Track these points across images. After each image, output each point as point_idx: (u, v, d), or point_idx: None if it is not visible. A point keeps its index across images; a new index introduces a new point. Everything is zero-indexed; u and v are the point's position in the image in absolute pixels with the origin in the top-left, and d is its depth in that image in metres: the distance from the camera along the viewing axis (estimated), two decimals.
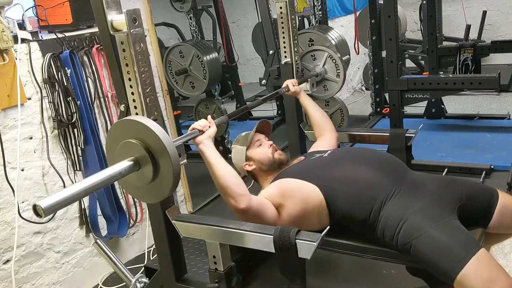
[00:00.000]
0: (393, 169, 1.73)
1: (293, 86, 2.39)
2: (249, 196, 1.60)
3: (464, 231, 1.48)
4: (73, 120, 2.38)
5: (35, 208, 0.99)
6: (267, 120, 2.17)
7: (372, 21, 4.28)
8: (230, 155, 2.09)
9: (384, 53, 3.71)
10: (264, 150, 1.97)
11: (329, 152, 1.91)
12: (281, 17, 2.47)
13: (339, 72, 2.78)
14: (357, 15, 4.31)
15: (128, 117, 1.33)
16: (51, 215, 2.36)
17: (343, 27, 5.42)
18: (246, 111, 2.03)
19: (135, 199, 2.76)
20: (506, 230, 1.73)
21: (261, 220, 1.59)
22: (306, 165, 1.88)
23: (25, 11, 2.28)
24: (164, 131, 1.23)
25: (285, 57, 2.57)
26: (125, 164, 1.22)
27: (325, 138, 2.24)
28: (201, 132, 1.62)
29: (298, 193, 1.69)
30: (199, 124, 1.64)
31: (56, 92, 2.33)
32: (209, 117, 1.68)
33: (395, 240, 1.52)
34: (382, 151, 1.93)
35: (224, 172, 1.59)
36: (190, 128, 1.64)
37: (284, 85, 2.41)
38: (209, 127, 1.65)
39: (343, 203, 1.64)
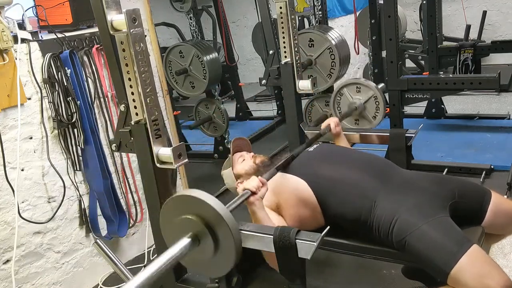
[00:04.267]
0: (381, 168, 1.74)
1: (335, 127, 2.23)
2: None
3: (456, 228, 1.49)
4: (73, 120, 2.38)
5: None
6: (240, 137, 2.15)
7: (372, 21, 4.28)
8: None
9: (384, 53, 3.71)
10: (247, 162, 2.00)
11: (314, 146, 1.94)
12: (281, 17, 2.47)
13: (377, 115, 2.79)
14: (357, 15, 4.32)
15: (180, 193, 1.29)
16: (51, 216, 2.36)
17: (343, 27, 5.42)
18: (291, 160, 1.89)
19: (135, 200, 2.77)
20: (498, 231, 1.74)
21: None
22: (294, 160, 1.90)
23: (25, 11, 2.28)
24: (217, 200, 1.19)
25: (285, 57, 2.57)
26: (184, 242, 1.18)
27: None
28: (253, 193, 1.56)
29: (284, 186, 1.73)
30: (252, 185, 1.57)
31: (56, 92, 2.33)
32: (259, 177, 1.62)
33: (390, 237, 1.53)
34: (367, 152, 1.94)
35: None
36: (242, 188, 1.59)
37: (325, 124, 2.25)
38: (262, 186, 1.59)
39: (334, 203, 1.65)
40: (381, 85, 3.00)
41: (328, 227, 1.43)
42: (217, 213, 1.16)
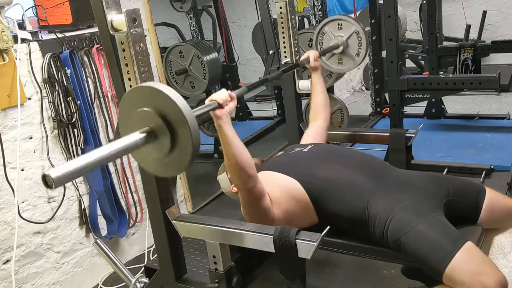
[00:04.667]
0: (375, 168, 1.74)
1: (314, 60, 2.23)
2: (257, 177, 1.58)
3: (450, 226, 1.49)
4: (73, 120, 2.38)
5: (44, 178, 0.90)
6: None
7: (372, 21, 4.28)
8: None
9: (384, 53, 3.71)
10: None
11: (309, 147, 1.91)
12: (281, 17, 2.47)
13: (360, 51, 2.70)
14: (357, 15, 4.31)
15: (142, 84, 1.19)
16: (51, 216, 2.36)
17: None
18: (264, 83, 1.84)
19: (135, 200, 2.76)
20: (495, 225, 1.74)
21: (257, 205, 1.59)
22: (284, 159, 1.89)
23: (25, 11, 2.29)
24: (182, 99, 1.12)
25: (285, 57, 2.57)
26: (140, 134, 1.11)
27: (315, 125, 2.20)
28: (220, 106, 1.48)
29: (276, 183, 1.70)
30: (219, 97, 1.48)
31: (56, 92, 2.33)
32: (229, 91, 1.54)
33: (385, 237, 1.52)
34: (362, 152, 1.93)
35: (240, 152, 1.53)
36: (208, 99, 1.50)
37: (305, 56, 2.25)
38: (230, 101, 1.52)
39: (328, 203, 1.64)
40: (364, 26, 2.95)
41: (328, 227, 1.43)
42: (179, 110, 1.10)
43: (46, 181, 0.91)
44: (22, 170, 2.25)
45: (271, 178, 1.72)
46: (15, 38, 2.18)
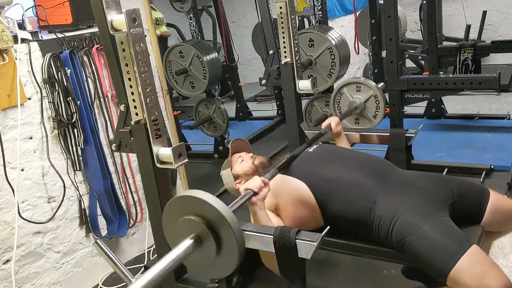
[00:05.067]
0: (380, 168, 1.74)
1: (336, 126, 2.23)
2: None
3: (455, 228, 1.49)
4: (73, 120, 2.38)
5: None
6: (239, 138, 2.15)
7: (372, 21, 4.29)
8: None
9: (384, 53, 3.71)
10: (245, 163, 2.00)
11: (314, 147, 1.94)
12: (281, 17, 2.47)
13: (377, 114, 2.78)
14: (357, 15, 4.31)
15: (182, 193, 1.27)
16: (51, 216, 2.36)
17: (343, 27, 5.42)
18: (291, 162, 1.91)
19: (135, 200, 2.77)
20: (497, 228, 1.74)
21: None
22: (295, 161, 1.90)
23: (25, 11, 2.28)
24: (220, 201, 1.18)
25: (285, 57, 2.57)
26: (187, 243, 1.16)
27: None
28: (255, 193, 1.55)
29: (284, 188, 1.73)
30: (254, 185, 1.55)
31: (56, 92, 2.33)
32: (262, 178, 1.60)
33: (389, 237, 1.53)
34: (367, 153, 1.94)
35: None
36: (243, 188, 1.57)
37: (326, 123, 2.25)
38: (264, 187, 1.58)
39: (333, 204, 1.65)
40: (380, 84, 2.99)
41: (328, 227, 1.43)
42: (219, 213, 1.15)
43: None
44: (22, 170, 2.25)
45: (283, 185, 1.74)
46: (15, 38, 2.18)
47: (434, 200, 1.58)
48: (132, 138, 1.56)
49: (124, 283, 2.17)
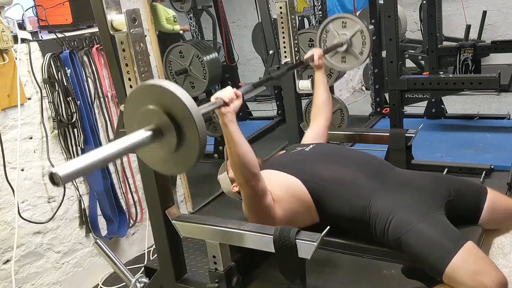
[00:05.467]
0: (376, 167, 1.74)
1: (319, 58, 2.22)
2: (260, 175, 1.59)
3: (450, 226, 1.49)
4: (73, 120, 2.38)
5: (51, 176, 0.88)
6: None
7: (372, 21, 4.28)
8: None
9: (384, 53, 3.71)
10: None
11: (311, 146, 1.91)
12: (281, 17, 2.47)
13: (363, 50, 2.69)
14: (357, 15, 4.31)
15: (147, 82, 1.19)
16: (51, 216, 2.36)
17: None
18: (269, 80, 1.84)
19: (135, 200, 2.77)
20: (496, 226, 1.74)
21: (259, 203, 1.60)
22: (286, 158, 1.89)
23: (25, 11, 2.28)
24: (188, 96, 1.10)
25: (285, 57, 2.57)
26: (146, 132, 1.10)
27: (316, 125, 2.19)
28: (226, 104, 1.46)
29: (278, 182, 1.70)
30: (225, 94, 1.46)
31: (56, 92, 2.33)
32: (235, 89, 1.52)
33: (386, 235, 1.53)
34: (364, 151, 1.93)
35: (244, 150, 1.53)
36: (214, 97, 1.48)
37: (309, 54, 2.21)
38: (235, 99, 1.50)
39: (329, 202, 1.65)
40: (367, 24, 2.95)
41: (328, 227, 1.43)
42: (185, 107, 1.08)
43: (53, 178, 0.89)
44: (22, 170, 2.25)
45: (273, 177, 1.72)
46: (15, 38, 2.18)
47: (430, 198, 1.58)
48: None
49: (124, 283, 2.18)
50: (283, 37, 2.51)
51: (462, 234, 1.47)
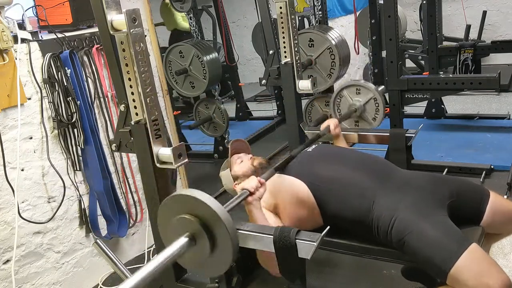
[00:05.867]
0: (379, 168, 1.75)
1: (335, 128, 2.24)
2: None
3: (454, 227, 1.49)
4: (73, 120, 2.38)
5: None
6: (239, 139, 2.16)
7: (372, 21, 4.28)
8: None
9: (384, 53, 3.71)
10: (245, 163, 2.02)
11: (313, 147, 1.94)
12: (281, 17, 2.47)
13: (376, 117, 2.78)
14: (357, 15, 4.31)
15: (178, 192, 1.27)
16: (51, 216, 2.36)
17: (343, 27, 5.42)
18: (289, 162, 1.93)
19: (135, 200, 2.77)
20: (497, 230, 1.74)
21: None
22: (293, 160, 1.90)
23: (25, 11, 2.28)
24: (215, 200, 1.18)
25: (285, 57, 2.57)
26: (181, 241, 1.17)
27: None
28: (251, 193, 1.56)
29: (283, 187, 1.73)
30: (250, 185, 1.57)
31: (56, 92, 2.33)
32: (258, 178, 1.62)
33: (389, 237, 1.53)
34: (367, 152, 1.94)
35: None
36: (240, 188, 1.59)
37: (325, 124, 2.26)
38: (260, 187, 1.59)
39: (333, 204, 1.65)
40: (381, 87, 3.00)
41: (328, 227, 1.43)
42: (214, 212, 1.15)
43: None
44: (22, 170, 2.25)
45: (282, 185, 1.75)
46: (15, 38, 2.18)
47: (432, 199, 1.58)
48: (132, 138, 1.56)
49: (122, 282, 2.18)
50: (283, 37, 2.52)
51: (466, 236, 1.47)
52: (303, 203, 1.68)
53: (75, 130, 2.41)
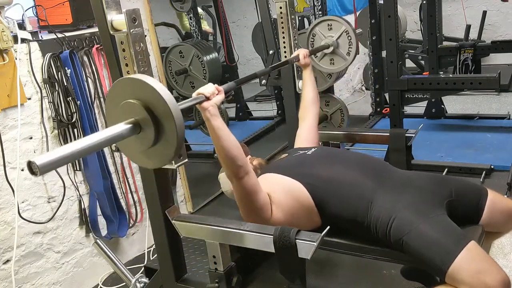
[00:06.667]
0: (377, 168, 1.74)
1: (304, 57, 2.26)
2: (249, 169, 1.59)
3: (453, 225, 1.49)
4: (73, 120, 2.38)
5: (30, 165, 0.91)
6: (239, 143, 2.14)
7: (372, 21, 4.28)
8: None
9: (384, 53, 3.71)
10: None
11: (313, 150, 1.92)
12: (281, 17, 2.47)
13: (350, 51, 2.70)
14: (357, 15, 4.31)
15: (129, 76, 1.20)
16: (51, 216, 2.36)
17: None
18: (253, 78, 1.86)
19: (135, 200, 2.77)
20: (496, 229, 1.74)
21: (251, 199, 1.59)
22: (289, 161, 1.89)
23: (25, 11, 2.28)
24: (168, 92, 1.12)
25: (285, 57, 2.57)
26: (124, 126, 1.12)
27: (306, 126, 2.19)
28: (208, 98, 1.49)
29: (280, 185, 1.70)
30: (206, 90, 1.49)
31: (56, 92, 2.33)
32: (215, 85, 1.55)
33: (388, 236, 1.53)
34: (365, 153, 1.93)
35: (228, 143, 1.54)
36: (195, 93, 1.51)
37: (295, 53, 2.29)
38: (217, 94, 1.52)
39: (331, 204, 1.65)
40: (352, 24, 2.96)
41: (328, 227, 1.43)
42: (164, 102, 1.10)
43: (32, 168, 0.91)
44: (22, 170, 2.25)
45: (275, 180, 1.73)
46: (15, 38, 2.18)
47: (431, 198, 1.58)
48: None
49: (124, 283, 2.18)
50: (283, 37, 2.51)
51: (465, 234, 1.47)
52: (301, 204, 1.66)
53: (75, 130, 2.41)
